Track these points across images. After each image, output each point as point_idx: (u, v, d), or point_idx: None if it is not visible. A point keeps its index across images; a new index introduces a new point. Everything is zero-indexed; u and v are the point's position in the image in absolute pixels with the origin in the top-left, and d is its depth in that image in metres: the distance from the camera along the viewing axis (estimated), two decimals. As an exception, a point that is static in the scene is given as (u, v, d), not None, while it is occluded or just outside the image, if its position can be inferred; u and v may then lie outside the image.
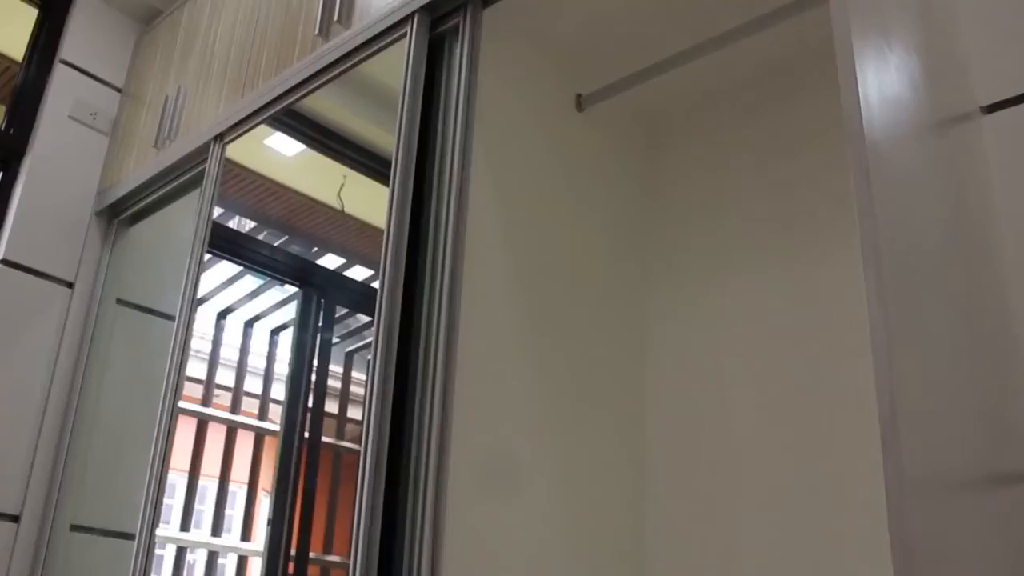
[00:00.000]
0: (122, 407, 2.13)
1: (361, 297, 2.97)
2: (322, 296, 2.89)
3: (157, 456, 1.78)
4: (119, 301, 2.18)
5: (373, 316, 1.30)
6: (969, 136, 1.03)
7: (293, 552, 2.85)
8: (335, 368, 3.38)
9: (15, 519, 1.97)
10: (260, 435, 3.35)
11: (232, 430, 3.38)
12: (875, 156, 0.78)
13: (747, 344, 1.37)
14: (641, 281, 1.53)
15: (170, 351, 1.86)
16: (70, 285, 2.13)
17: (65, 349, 2.08)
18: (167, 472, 1.83)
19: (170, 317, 1.92)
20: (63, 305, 2.11)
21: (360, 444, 1.22)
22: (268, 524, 2.46)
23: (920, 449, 0.75)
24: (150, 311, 2.19)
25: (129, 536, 1.78)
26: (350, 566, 1.11)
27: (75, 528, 2.02)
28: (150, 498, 1.75)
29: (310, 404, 3.04)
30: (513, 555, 1.14)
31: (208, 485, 3.52)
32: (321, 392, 3.08)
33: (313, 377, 3.06)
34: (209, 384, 3.27)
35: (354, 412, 3.38)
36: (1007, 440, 0.96)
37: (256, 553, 3.18)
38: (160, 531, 2.56)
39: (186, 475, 3.18)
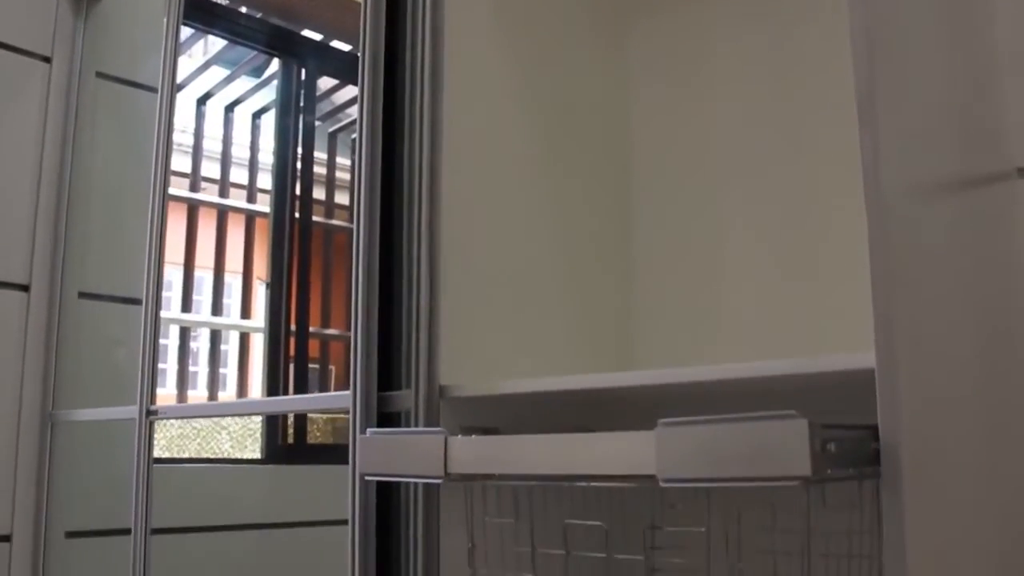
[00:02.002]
0: (115, 178, 2.14)
1: (343, 66, 2.94)
2: (303, 66, 2.84)
3: (153, 246, 1.81)
4: (99, 75, 2.15)
5: (356, 83, 1.30)
6: None
7: (293, 328, 2.97)
8: (320, 155, 3.39)
9: (25, 288, 2.03)
10: (251, 218, 3.40)
11: (223, 214, 3.42)
12: None
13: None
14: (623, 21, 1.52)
15: (155, 133, 1.86)
16: (47, 60, 2.09)
17: (51, 123, 2.07)
18: (163, 263, 1.86)
19: (152, 89, 1.90)
20: (43, 80, 2.08)
21: (350, 222, 1.24)
22: (267, 287, 2.52)
23: (895, 131, 0.79)
24: (132, 83, 2.16)
25: (135, 301, 1.84)
26: (351, 339, 1.16)
27: (83, 295, 2.08)
28: (150, 289, 1.79)
29: (298, 190, 3.07)
30: (508, 275, 1.19)
31: (204, 276, 3.60)
32: (308, 173, 3.10)
33: (299, 165, 3.07)
34: (195, 175, 3.28)
35: (341, 197, 3.43)
36: (980, 140, 1.00)
37: (257, 330, 3.30)
38: (162, 314, 2.64)
39: (181, 268, 3.25)
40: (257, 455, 2.69)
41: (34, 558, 2.06)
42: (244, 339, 3.37)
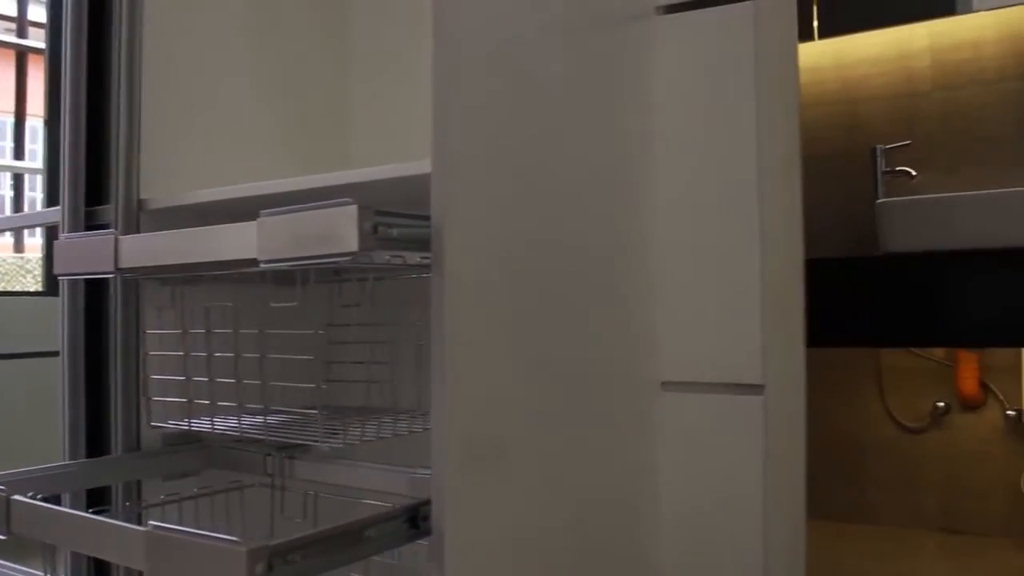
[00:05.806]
0: None
1: None
2: None
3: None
4: None
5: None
6: None
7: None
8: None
9: None
10: (22, 54, 3.27)
11: (-8, 51, 3.28)
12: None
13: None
14: None
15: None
16: None
17: None
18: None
19: None
20: None
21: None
22: (44, 125, 2.49)
23: None
24: None
25: None
26: (60, 158, 1.25)
27: None
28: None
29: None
30: (216, 95, 1.27)
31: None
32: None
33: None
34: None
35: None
36: None
37: (36, 171, 3.25)
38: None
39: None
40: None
41: None
42: (18, 178, 3.31)
